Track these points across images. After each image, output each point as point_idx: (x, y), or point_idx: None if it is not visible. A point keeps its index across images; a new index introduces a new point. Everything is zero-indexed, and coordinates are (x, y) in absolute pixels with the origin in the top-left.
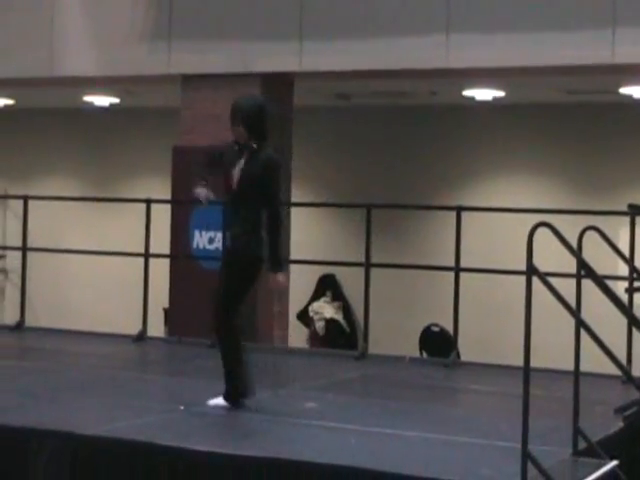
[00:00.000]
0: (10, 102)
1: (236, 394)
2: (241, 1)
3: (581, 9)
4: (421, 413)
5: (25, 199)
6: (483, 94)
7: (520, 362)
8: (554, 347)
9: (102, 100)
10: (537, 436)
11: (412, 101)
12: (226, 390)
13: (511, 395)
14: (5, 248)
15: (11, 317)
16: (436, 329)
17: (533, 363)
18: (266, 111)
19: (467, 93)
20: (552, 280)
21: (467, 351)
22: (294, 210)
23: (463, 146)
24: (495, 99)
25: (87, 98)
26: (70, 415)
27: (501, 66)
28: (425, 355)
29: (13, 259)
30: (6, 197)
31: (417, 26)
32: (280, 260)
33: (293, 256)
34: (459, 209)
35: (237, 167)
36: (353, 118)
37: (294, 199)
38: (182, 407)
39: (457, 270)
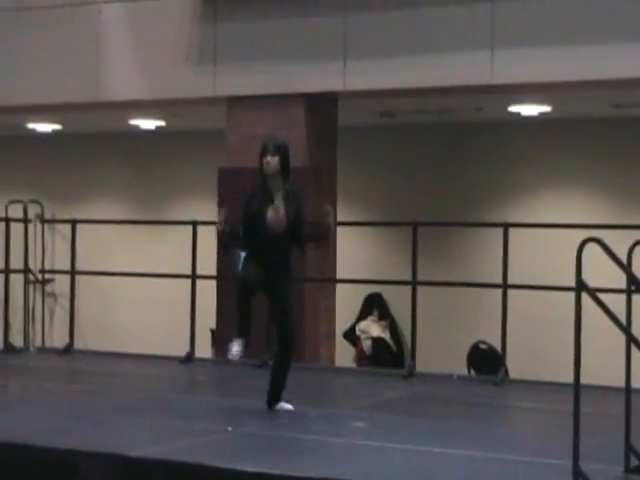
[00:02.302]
0: (58, 127)
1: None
2: (285, 22)
3: (626, 22)
4: (469, 431)
5: (73, 223)
6: (529, 109)
7: (570, 379)
8: (604, 363)
9: (148, 123)
10: (588, 453)
11: (457, 118)
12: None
13: (561, 412)
14: (54, 272)
15: (60, 340)
16: (484, 346)
17: (583, 379)
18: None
19: (513, 109)
20: (602, 296)
21: (515, 368)
22: (340, 229)
23: (509, 162)
24: (541, 114)
25: (133, 121)
26: (119, 437)
27: (547, 81)
28: (473, 373)
29: (61, 283)
30: (54, 221)
31: (462, 42)
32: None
33: (339, 275)
34: (506, 225)
35: (276, 208)
36: (398, 136)
37: (340, 218)
38: (230, 428)
39: (505, 287)
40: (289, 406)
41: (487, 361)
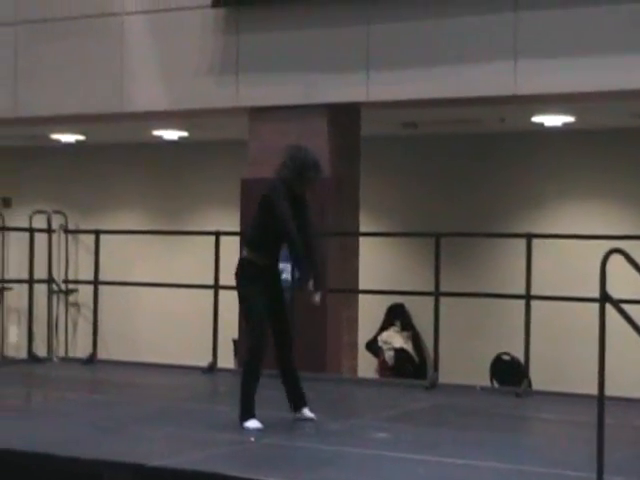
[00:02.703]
0: (81, 138)
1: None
2: (307, 33)
3: None
4: (492, 443)
5: (96, 233)
6: (552, 120)
7: (594, 390)
8: (628, 375)
9: (171, 134)
10: (612, 466)
11: (480, 128)
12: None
13: (584, 424)
14: (77, 282)
15: (83, 350)
16: (507, 358)
17: (607, 391)
18: None
19: (536, 119)
20: (626, 307)
21: (539, 379)
22: (362, 240)
23: (532, 172)
24: (565, 124)
25: (156, 132)
26: (141, 446)
27: (570, 91)
28: (496, 384)
29: (84, 293)
30: (78, 232)
31: (484, 53)
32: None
33: (362, 286)
34: (529, 236)
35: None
36: (420, 146)
37: (362, 229)
38: (252, 439)
39: (528, 298)
40: (312, 414)
41: (510, 372)
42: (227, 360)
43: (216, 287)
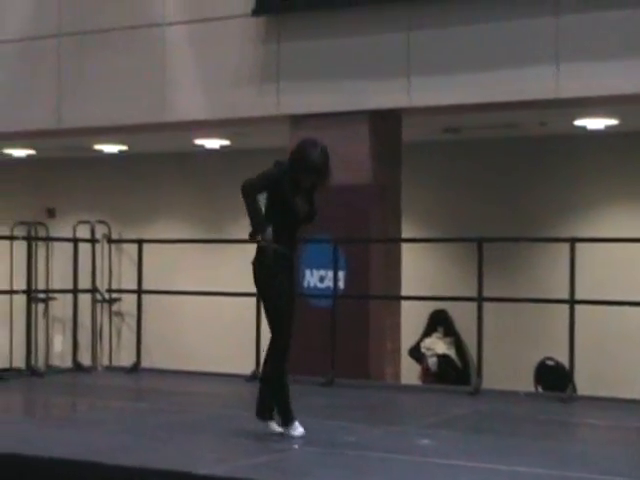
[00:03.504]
0: (124, 148)
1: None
2: (348, 39)
3: None
4: (537, 449)
5: (139, 243)
6: (595, 123)
7: (639, 395)
8: None
9: (213, 143)
10: None
11: (522, 132)
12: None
13: (630, 429)
14: (121, 291)
15: (127, 359)
16: (551, 363)
17: None
18: None
19: (578, 123)
20: None
21: (583, 385)
22: (405, 246)
23: (575, 176)
24: (607, 127)
25: (198, 141)
26: (186, 455)
27: (613, 94)
28: (540, 389)
29: (128, 302)
30: (121, 241)
31: (526, 57)
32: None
33: (404, 292)
34: (573, 240)
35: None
36: (462, 152)
37: (405, 235)
38: (296, 446)
39: (572, 303)
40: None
41: (555, 377)
42: None
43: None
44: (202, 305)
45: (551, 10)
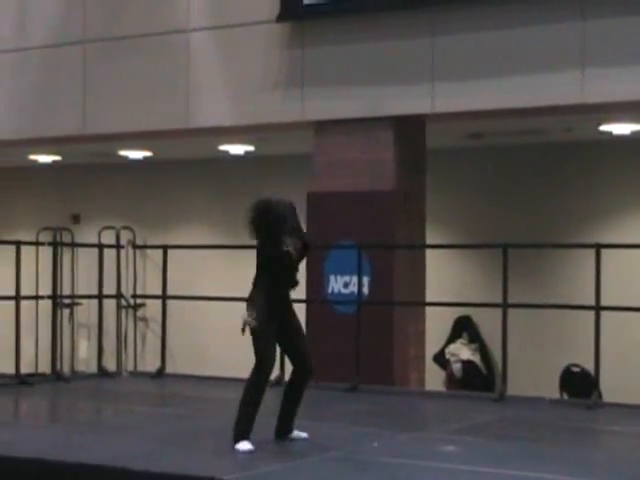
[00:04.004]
0: (148, 154)
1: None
2: (372, 46)
3: None
4: (562, 456)
5: (164, 248)
6: (620, 128)
7: None
8: None
9: (237, 149)
10: None
11: (546, 138)
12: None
13: None
14: (145, 297)
15: (151, 364)
16: (576, 369)
17: None
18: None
19: (604, 128)
20: None
21: (609, 391)
22: (429, 252)
23: (600, 182)
24: (633, 133)
25: (222, 147)
26: (213, 460)
27: (639, 99)
28: (565, 396)
29: (152, 307)
30: (146, 247)
31: (550, 62)
32: None
33: (429, 298)
34: (598, 247)
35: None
36: (486, 157)
37: (429, 241)
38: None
39: (597, 309)
40: (304, 434)
41: (580, 384)
42: None
43: None
44: (226, 311)
45: (576, 15)
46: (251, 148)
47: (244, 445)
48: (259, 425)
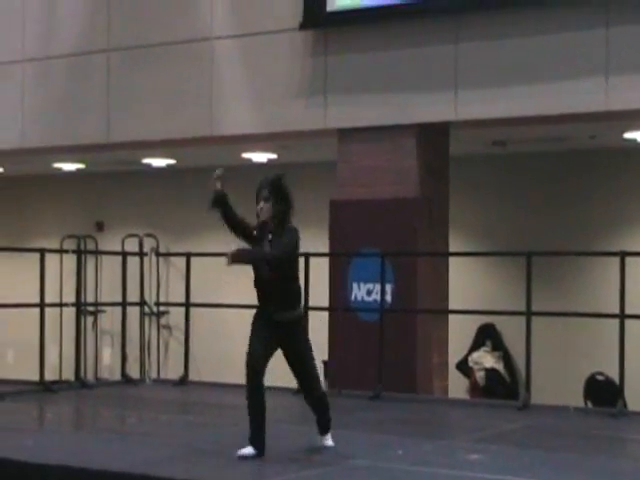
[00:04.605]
0: (172, 162)
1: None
2: (395, 53)
3: None
4: (587, 465)
5: (187, 256)
6: None
7: None
8: None
9: (260, 156)
10: None
11: (570, 146)
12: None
13: None
14: (169, 304)
15: (175, 372)
16: (601, 378)
17: None
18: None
19: (628, 135)
20: None
21: (634, 400)
22: (452, 259)
23: (624, 189)
24: None
25: (246, 155)
26: (234, 468)
27: None
28: (590, 405)
29: (176, 315)
30: (169, 254)
31: (575, 69)
32: None
33: (452, 306)
34: (623, 254)
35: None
36: (510, 165)
37: (452, 248)
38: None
39: (622, 317)
40: (330, 442)
41: (604, 392)
42: None
43: (306, 308)
44: (249, 318)
45: (601, 22)
46: (274, 156)
47: (244, 450)
48: (289, 433)
